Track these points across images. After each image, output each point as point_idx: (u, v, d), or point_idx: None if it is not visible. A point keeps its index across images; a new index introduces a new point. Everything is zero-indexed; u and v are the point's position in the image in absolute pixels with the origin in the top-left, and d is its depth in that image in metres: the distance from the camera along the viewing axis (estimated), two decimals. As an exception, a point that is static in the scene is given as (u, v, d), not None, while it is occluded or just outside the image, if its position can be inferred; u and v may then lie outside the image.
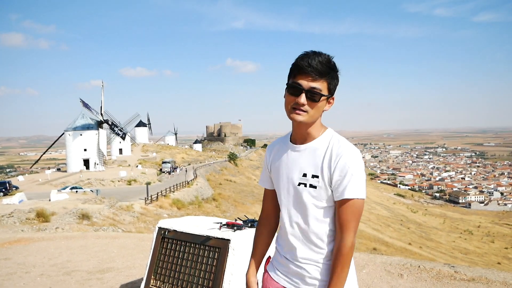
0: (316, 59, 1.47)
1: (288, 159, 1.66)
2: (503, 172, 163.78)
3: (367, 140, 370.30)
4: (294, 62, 1.53)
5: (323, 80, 1.49)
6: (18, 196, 25.10)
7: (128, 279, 5.29)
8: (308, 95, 1.49)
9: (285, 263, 1.68)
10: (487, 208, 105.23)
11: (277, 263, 1.75)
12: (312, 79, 1.48)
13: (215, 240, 3.43)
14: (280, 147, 1.74)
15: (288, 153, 1.67)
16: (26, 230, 13.39)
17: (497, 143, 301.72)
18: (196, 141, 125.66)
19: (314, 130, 1.59)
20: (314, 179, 1.55)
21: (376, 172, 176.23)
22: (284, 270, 1.70)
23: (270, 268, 1.80)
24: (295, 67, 1.52)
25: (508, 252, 53.01)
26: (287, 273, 1.68)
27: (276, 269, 1.75)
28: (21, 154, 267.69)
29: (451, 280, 4.70)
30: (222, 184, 55.20)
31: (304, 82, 1.48)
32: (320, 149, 1.58)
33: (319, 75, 1.48)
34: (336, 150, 1.53)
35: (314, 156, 1.58)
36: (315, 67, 1.46)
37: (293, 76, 1.52)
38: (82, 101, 54.39)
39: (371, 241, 36.68)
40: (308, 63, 1.46)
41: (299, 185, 1.59)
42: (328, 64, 1.49)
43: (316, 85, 1.48)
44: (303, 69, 1.48)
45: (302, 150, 1.62)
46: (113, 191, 36.39)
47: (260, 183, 1.86)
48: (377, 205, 73.85)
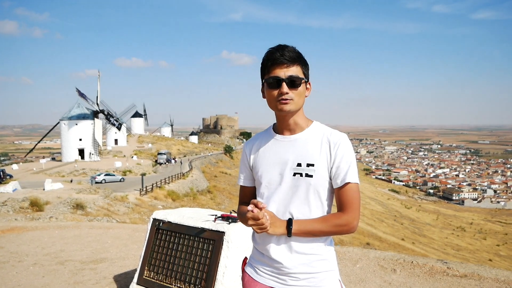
0: (285, 49, 1.56)
1: (277, 151, 1.65)
2: (496, 170, 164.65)
3: (362, 136, 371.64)
4: (264, 58, 1.61)
5: (297, 65, 1.58)
6: (12, 184, 25.01)
7: (121, 269, 5.28)
8: (288, 83, 1.55)
9: (267, 261, 1.64)
10: (480, 205, 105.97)
11: (257, 262, 1.70)
12: (286, 67, 1.56)
13: (209, 232, 3.42)
14: (263, 141, 1.72)
15: (276, 145, 1.67)
16: (20, 219, 13.35)
17: (492, 141, 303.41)
18: (192, 133, 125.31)
19: (301, 121, 1.65)
20: (310, 167, 1.57)
21: (371, 168, 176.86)
22: (266, 268, 1.66)
23: (250, 269, 1.74)
24: (267, 62, 1.59)
25: (499, 249, 53.52)
26: (271, 272, 1.64)
27: (256, 268, 1.70)
28: (16, 142, 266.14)
29: (443, 276, 4.73)
30: (217, 177, 55.23)
31: (281, 72, 1.56)
32: (313, 138, 1.62)
33: (292, 61, 1.56)
34: (334, 139, 1.60)
35: (307, 145, 1.61)
36: (287, 55, 1.55)
37: (268, 71, 1.59)
38: (78, 91, 54.03)
39: (365, 236, 36.90)
40: (279, 53, 1.55)
41: (294, 175, 1.59)
42: (296, 52, 1.59)
43: (293, 72, 1.56)
44: (276, 60, 1.56)
45: (293, 140, 1.64)
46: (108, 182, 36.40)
47: (240, 183, 1.81)
48: (371, 200, 74.17)
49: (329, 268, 1.62)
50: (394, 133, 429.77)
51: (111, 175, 37.80)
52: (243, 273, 1.79)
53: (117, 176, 38.43)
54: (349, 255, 5.62)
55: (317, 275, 1.59)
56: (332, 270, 1.63)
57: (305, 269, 1.58)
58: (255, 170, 1.72)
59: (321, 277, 1.59)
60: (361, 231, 38.87)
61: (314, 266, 1.59)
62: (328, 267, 1.61)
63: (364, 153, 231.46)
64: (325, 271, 1.60)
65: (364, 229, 41.09)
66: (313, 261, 1.59)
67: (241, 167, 1.81)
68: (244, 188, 1.82)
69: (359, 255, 5.66)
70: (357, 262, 5.36)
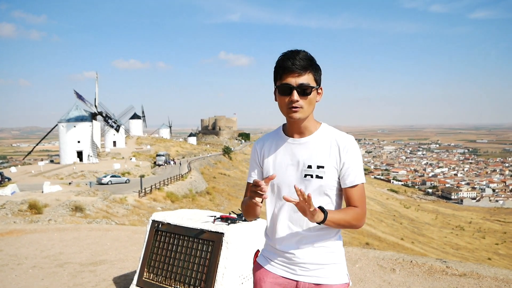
0: (297, 56, 1.58)
1: (288, 152, 1.71)
2: (495, 169, 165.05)
3: (361, 136, 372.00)
4: (276, 65, 1.63)
5: (308, 73, 1.60)
6: (11, 187, 24.91)
7: (121, 271, 5.28)
8: (299, 91, 1.59)
9: (279, 252, 1.73)
10: (479, 204, 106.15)
11: (270, 253, 1.78)
12: (298, 75, 1.58)
13: (209, 234, 3.42)
14: (273, 142, 1.77)
15: (287, 147, 1.72)
16: (19, 222, 13.32)
17: (490, 140, 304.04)
18: (191, 134, 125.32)
19: (310, 124, 1.70)
20: (320, 169, 1.64)
21: (370, 168, 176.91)
22: (278, 258, 1.74)
23: (262, 260, 1.82)
24: (279, 69, 1.61)
25: (498, 248, 53.61)
26: (282, 262, 1.73)
27: (269, 260, 1.78)
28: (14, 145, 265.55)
29: (442, 275, 4.74)
30: (216, 178, 55.18)
31: (292, 80, 1.58)
32: (322, 141, 1.68)
33: (303, 69, 1.58)
34: (342, 141, 1.66)
35: (317, 148, 1.67)
36: (299, 63, 1.57)
37: (280, 78, 1.62)
38: (76, 93, 53.96)
39: (364, 236, 36.90)
40: (291, 62, 1.57)
41: (305, 177, 1.65)
42: (308, 58, 1.61)
43: (304, 80, 1.59)
44: (287, 68, 1.58)
45: (303, 143, 1.69)
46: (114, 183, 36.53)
47: (248, 180, 1.84)
48: (370, 200, 74.21)
49: (337, 261, 1.71)
50: (392, 133, 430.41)
51: (117, 176, 38.71)
52: (254, 264, 1.86)
53: (122, 177, 39.19)
54: (349, 255, 5.63)
55: (325, 267, 1.68)
56: (340, 263, 1.73)
57: (314, 260, 1.67)
58: (265, 170, 1.77)
59: (329, 268, 1.69)
60: (360, 231, 38.86)
61: (323, 258, 1.68)
62: (337, 260, 1.71)
63: (362, 153, 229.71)
64: (333, 263, 1.70)
65: (364, 229, 41.06)
66: (322, 253, 1.68)
67: (251, 165, 1.85)
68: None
69: (358, 255, 5.67)
70: (357, 262, 5.37)
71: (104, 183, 36.21)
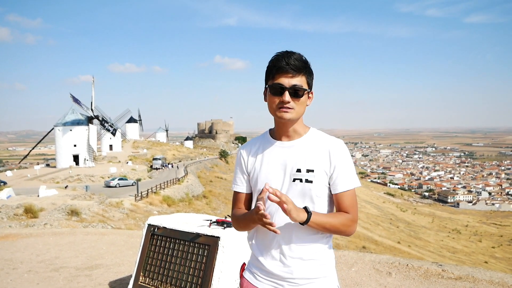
0: (291, 57, 1.55)
1: (275, 156, 1.64)
2: (491, 172, 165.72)
3: (357, 139, 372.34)
4: (270, 64, 1.59)
5: (302, 75, 1.57)
6: (6, 191, 24.76)
7: (117, 276, 5.26)
8: (291, 92, 1.55)
9: (265, 267, 1.64)
10: (475, 208, 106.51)
11: (256, 267, 1.69)
12: (292, 76, 1.55)
13: (204, 238, 3.43)
14: (260, 146, 1.71)
15: (274, 150, 1.66)
16: (14, 226, 13.25)
17: (486, 143, 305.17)
18: (187, 138, 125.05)
19: (299, 127, 1.65)
20: (309, 173, 1.58)
21: (366, 171, 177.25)
22: (265, 274, 1.65)
23: (248, 275, 1.73)
24: (272, 69, 1.57)
25: (495, 251, 53.78)
26: (270, 277, 1.63)
27: (255, 274, 1.69)
28: (10, 149, 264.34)
29: (438, 278, 4.75)
30: (212, 182, 55.10)
31: (285, 80, 1.55)
32: (311, 144, 1.62)
33: (297, 71, 1.55)
34: (332, 146, 1.61)
35: (306, 151, 1.61)
36: (293, 64, 1.54)
37: (272, 77, 1.58)
38: (73, 96, 53.82)
39: (361, 239, 36.92)
40: (285, 62, 1.53)
41: (294, 181, 1.59)
42: (303, 60, 1.57)
43: (297, 82, 1.55)
44: (281, 68, 1.54)
45: (291, 146, 1.63)
46: (103, 188, 36.26)
47: (234, 188, 1.77)
48: (367, 203, 74.28)
49: (328, 273, 1.63)
50: (389, 137, 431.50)
51: (124, 179, 39.29)
52: (241, 278, 1.76)
53: (129, 180, 39.68)
54: (345, 259, 5.64)
55: (316, 281, 1.59)
56: (331, 276, 1.64)
57: (304, 274, 1.58)
58: (252, 176, 1.70)
59: (319, 283, 1.60)
60: (357, 235, 38.88)
61: (313, 272, 1.59)
62: (327, 273, 1.63)
63: (359, 156, 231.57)
64: (324, 276, 1.61)
65: (360, 233, 41.11)
66: (312, 266, 1.59)
67: (237, 172, 1.77)
68: (239, 194, 1.77)
69: (354, 259, 5.67)
70: (353, 266, 5.37)
71: (112, 186, 36.87)
